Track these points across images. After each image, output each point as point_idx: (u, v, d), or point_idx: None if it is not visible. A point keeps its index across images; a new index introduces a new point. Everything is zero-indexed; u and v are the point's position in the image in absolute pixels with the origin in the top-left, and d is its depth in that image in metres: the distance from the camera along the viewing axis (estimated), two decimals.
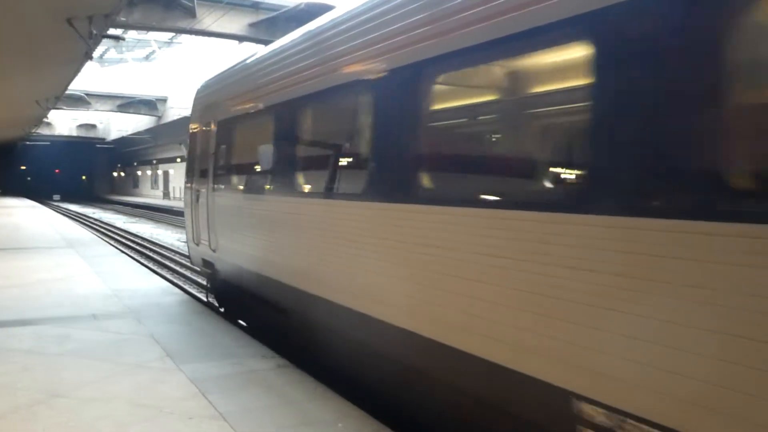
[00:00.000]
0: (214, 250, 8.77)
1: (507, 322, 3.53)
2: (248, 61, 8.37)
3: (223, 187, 8.51)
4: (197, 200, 9.50)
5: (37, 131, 50.85)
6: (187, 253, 20.41)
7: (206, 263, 9.47)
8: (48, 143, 67.47)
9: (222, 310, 9.58)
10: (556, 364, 3.24)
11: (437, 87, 4.50)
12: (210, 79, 9.90)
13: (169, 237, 28.55)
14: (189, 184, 10.24)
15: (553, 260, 3.21)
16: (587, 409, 3.07)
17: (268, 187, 6.97)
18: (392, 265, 4.66)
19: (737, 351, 2.47)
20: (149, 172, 76.41)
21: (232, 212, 8.11)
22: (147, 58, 53.04)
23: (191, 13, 21.96)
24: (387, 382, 5.18)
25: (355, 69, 5.31)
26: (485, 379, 3.79)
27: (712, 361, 2.55)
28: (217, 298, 9.83)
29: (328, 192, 5.76)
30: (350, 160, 5.79)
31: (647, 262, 2.77)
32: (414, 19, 4.45)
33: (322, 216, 5.78)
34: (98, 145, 71.71)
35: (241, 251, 7.80)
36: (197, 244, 9.70)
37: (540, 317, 3.30)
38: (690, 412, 2.64)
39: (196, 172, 9.77)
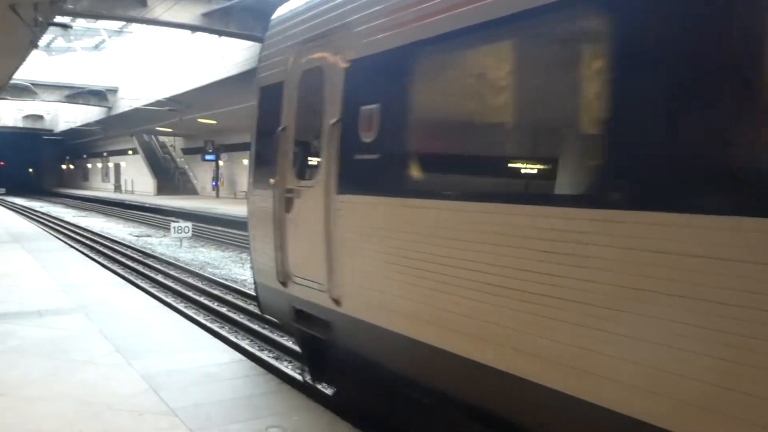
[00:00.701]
0: (336, 301, 4.87)
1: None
2: None
3: (371, 186, 4.52)
4: (287, 208, 5.54)
5: None
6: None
7: (306, 318, 5.43)
8: None
9: (329, 392, 6.15)
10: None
11: None
12: None
13: (121, 231, 27.95)
14: (260, 179, 6.25)
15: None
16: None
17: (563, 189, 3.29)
18: None
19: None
20: (100, 165, 74.55)
21: (406, 237, 4.16)
22: (96, 47, 51.59)
23: (142, 2, 21.42)
24: None
25: None
26: None
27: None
28: (323, 376, 5.93)
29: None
30: None
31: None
32: None
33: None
34: (45, 137, 69.55)
35: (436, 319, 3.87)
36: (283, 284, 5.64)
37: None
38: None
39: (279, 159, 5.67)
